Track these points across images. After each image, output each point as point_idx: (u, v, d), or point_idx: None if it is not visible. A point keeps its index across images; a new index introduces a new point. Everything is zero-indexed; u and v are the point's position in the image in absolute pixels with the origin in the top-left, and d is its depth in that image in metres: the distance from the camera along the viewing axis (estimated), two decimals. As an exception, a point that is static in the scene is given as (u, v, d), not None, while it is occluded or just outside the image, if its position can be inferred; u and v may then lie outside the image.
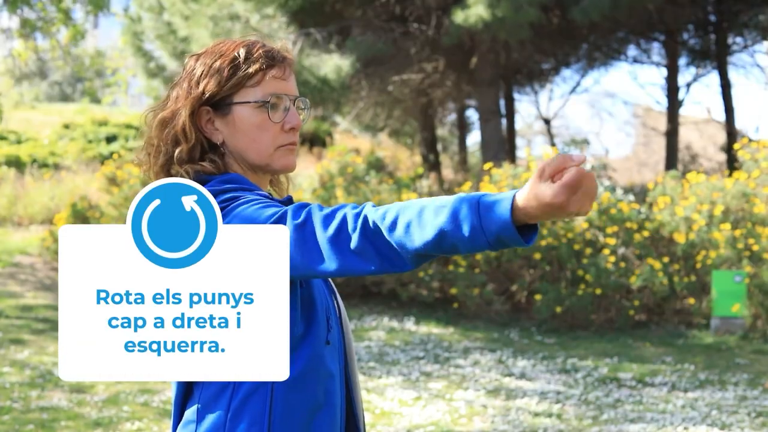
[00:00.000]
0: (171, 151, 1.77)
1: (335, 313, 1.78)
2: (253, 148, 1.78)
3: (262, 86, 1.77)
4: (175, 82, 1.83)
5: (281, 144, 1.80)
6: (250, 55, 1.77)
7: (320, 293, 1.74)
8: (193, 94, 1.77)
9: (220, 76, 1.76)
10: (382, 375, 7.23)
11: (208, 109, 1.78)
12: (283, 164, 1.81)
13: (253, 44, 1.80)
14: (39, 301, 9.81)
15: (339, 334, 1.77)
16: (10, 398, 6.28)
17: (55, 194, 13.63)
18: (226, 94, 1.76)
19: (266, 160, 1.79)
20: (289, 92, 1.80)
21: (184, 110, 1.76)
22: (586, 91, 29.79)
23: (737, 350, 8.27)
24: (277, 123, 1.78)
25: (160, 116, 1.79)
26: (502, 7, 10.64)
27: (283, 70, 1.80)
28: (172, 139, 1.77)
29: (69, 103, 30.24)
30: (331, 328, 1.73)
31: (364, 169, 10.62)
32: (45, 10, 13.06)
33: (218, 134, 1.79)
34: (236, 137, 1.78)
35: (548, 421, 5.98)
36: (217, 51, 1.79)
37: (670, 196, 9.82)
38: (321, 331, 1.71)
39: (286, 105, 1.79)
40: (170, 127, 1.77)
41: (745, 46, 16.34)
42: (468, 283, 9.40)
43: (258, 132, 1.77)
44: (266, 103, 1.77)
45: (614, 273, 9.10)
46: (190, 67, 1.80)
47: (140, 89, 20.16)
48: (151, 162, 1.80)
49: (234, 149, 1.79)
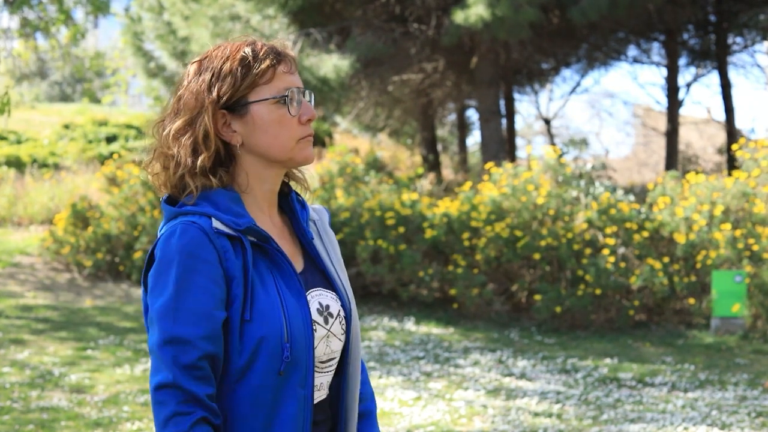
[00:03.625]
0: (191, 161, 1.75)
1: (307, 341, 1.73)
2: (276, 144, 1.78)
3: (275, 82, 1.77)
4: (178, 90, 1.81)
5: (301, 136, 1.80)
6: (257, 54, 1.77)
7: (273, 325, 1.69)
8: (208, 100, 1.75)
9: (233, 78, 1.75)
10: (382, 375, 7.23)
11: (224, 113, 1.77)
12: (305, 156, 1.82)
13: (255, 43, 1.80)
14: (39, 301, 9.81)
15: (308, 357, 1.73)
16: (10, 398, 6.28)
17: (55, 194, 13.63)
18: (241, 95, 1.76)
19: (289, 154, 1.80)
20: (299, 85, 1.81)
21: (204, 117, 1.75)
22: (586, 91, 29.81)
23: (737, 350, 8.27)
24: (294, 116, 1.79)
25: (174, 127, 1.77)
26: (502, 7, 10.65)
27: (290, 65, 1.81)
28: (191, 149, 1.75)
29: (69, 104, 30.24)
30: (288, 359, 1.69)
31: (364, 169, 10.63)
32: (45, 10, 13.06)
33: (237, 136, 1.78)
34: (256, 136, 1.78)
35: (548, 421, 5.98)
36: (220, 54, 1.78)
37: (670, 197, 9.82)
38: (271, 362, 1.69)
39: (299, 98, 1.80)
40: (187, 137, 1.76)
41: (745, 46, 16.35)
42: (468, 283, 9.40)
43: (278, 127, 1.78)
44: (284, 98, 1.77)
45: (614, 273, 9.10)
46: (195, 74, 1.79)
47: (140, 89, 20.18)
48: (170, 174, 1.78)
49: (254, 148, 1.79)
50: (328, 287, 1.86)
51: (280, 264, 1.76)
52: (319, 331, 1.79)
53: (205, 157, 1.75)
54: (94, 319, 9.18)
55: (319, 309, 1.81)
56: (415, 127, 19.20)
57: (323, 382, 1.82)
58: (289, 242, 1.87)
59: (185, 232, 1.69)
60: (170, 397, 1.64)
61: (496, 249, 9.49)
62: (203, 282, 1.67)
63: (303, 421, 1.73)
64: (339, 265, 1.89)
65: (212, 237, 1.70)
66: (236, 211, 1.75)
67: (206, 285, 1.67)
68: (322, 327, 1.80)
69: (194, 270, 1.67)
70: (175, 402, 1.63)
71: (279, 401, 1.72)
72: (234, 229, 1.73)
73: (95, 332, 8.56)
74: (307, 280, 1.83)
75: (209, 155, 1.75)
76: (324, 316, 1.81)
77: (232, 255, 1.71)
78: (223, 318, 1.69)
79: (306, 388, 1.74)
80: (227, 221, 1.72)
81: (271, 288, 1.73)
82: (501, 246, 9.45)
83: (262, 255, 1.76)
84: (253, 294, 1.72)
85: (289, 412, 1.72)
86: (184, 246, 1.68)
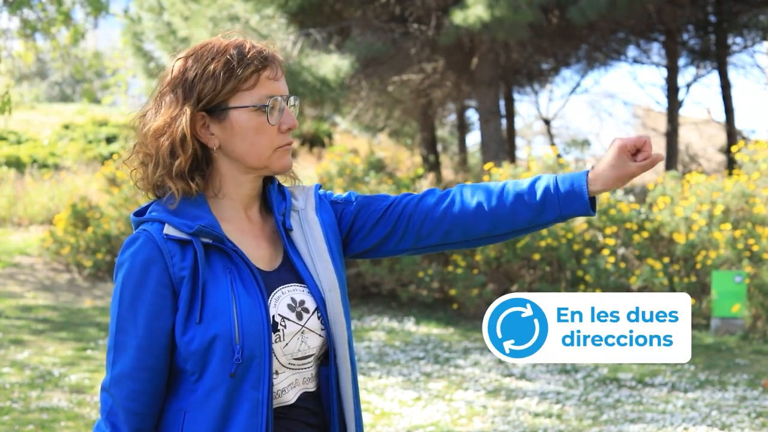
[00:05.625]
0: (169, 163, 1.75)
1: (262, 342, 1.70)
2: (253, 151, 1.77)
3: (258, 89, 1.75)
4: (162, 85, 1.79)
5: (279, 145, 1.79)
6: (243, 57, 1.75)
7: (223, 326, 1.69)
8: (188, 100, 1.74)
9: (215, 81, 1.73)
10: (382, 375, 7.23)
11: (203, 114, 1.76)
12: (282, 165, 1.81)
13: (243, 44, 1.77)
14: (39, 302, 9.81)
15: (263, 359, 1.71)
16: (10, 398, 6.27)
17: (55, 195, 13.63)
18: (222, 99, 1.74)
19: (265, 162, 1.78)
20: (282, 92, 1.79)
21: (182, 118, 1.73)
22: (586, 92, 29.77)
23: (737, 350, 8.27)
24: (274, 125, 1.77)
25: (155, 126, 1.76)
26: (501, 8, 10.64)
27: (275, 70, 1.78)
28: (169, 150, 1.75)
29: (69, 104, 30.25)
30: (239, 360, 1.69)
31: (364, 169, 10.61)
32: (45, 11, 13.05)
33: (214, 139, 1.77)
34: (234, 142, 1.76)
35: (548, 422, 5.98)
36: (206, 53, 1.76)
37: (669, 197, 9.82)
38: (223, 364, 1.69)
39: (281, 106, 1.78)
40: (165, 137, 1.75)
41: (745, 47, 16.34)
42: (468, 283, 9.40)
43: (256, 135, 1.76)
44: (264, 107, 1.75)
45: (614, 273, 9.10)
46: (180, 71, 1.77)
47: (140, 90, 20.16)
48: (149, 173, 1.78)
49: (231, 153, 1.78)
50: (303, 281, 1.82)
51: (237, 263, 1.74)
52: (290, 327, 1.76)
53: (182, 161, 1.74)
54: (94, 319, 9.18)
55: (290, 305, 1.77)
56: (415, 127, 19.20)
57: (298, 379, 1.78)
58: (268, 239, 1.84)
59: (132, 243, 1.73)
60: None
61: (496, 249, 9.49)
62: (147, 296, 1.71)
63: (257, 424, 1.71)
64: (318, 255, 1.84)
65: (160, 243, 1.71)
66: (193, 214, 1.74)
67: (149, 298, 1.71)
68: (294, 323, 1.77)
69: (138, 282, 1.71)
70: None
71: (232, 403, 1.71)
72: (185, 232, 1.72)
73: (95, 332, 8.55)
74: (281, 276, 1.80)
75: (186, 158, 1.74)
76: (297, 312, 1.78)
77: (178, 259, 1.71)
78: (168, 327, 1.72)
79: (260, 391, 1.71)
80: (178, 225, 1.72)
81: (225, 288, 1.71)
82: (501, 246, 9.45)
83: (220, 255, 1.74)
84: (205, 295, 1.71)
85: (242, 415, 1.70)
86: (131, 256, 1.73)
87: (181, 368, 1.74)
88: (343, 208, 1.93)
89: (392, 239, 1.90)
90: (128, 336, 1.72)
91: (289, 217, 1.86)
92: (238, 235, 1.80)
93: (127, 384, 1.72)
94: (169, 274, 1.71)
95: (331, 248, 1.86)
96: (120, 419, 1.73)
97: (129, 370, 1.71)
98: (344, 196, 1.95)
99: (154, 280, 1.71)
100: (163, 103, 1.77)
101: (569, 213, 1.84)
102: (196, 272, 1.72)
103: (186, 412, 1.73)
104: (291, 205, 1.88)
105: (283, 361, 1.76)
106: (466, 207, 1.86)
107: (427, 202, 1.89)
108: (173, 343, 1.73)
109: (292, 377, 1.78)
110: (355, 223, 1.92)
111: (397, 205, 1.90)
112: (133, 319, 1.71)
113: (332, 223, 1.90)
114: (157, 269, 1.71)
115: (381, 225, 1.90)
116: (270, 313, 1.74)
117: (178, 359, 1.73)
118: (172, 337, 1.73)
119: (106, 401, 1.75)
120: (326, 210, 1.91)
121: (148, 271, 1.71)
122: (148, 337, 1.71)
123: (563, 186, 1.82)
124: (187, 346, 1.70)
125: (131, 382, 1.72)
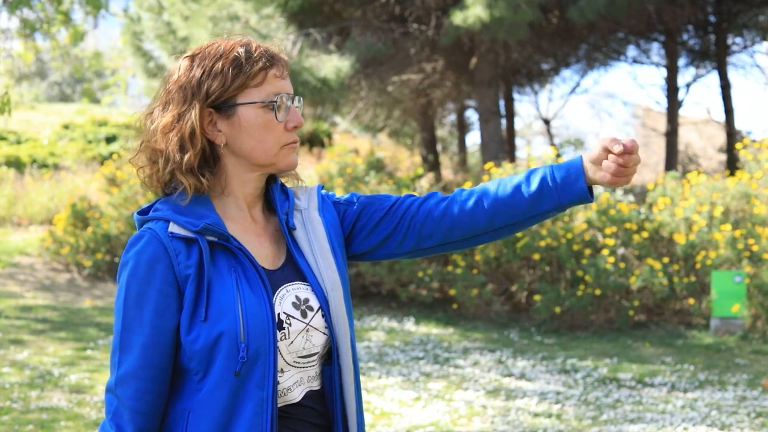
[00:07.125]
0: (178, 158, 1.75)
1: (268, 340, 1.71)
2: (260, 148, 1.78)
3: (265, 86, 1.77)
4: (169, 84, 1.80)
5: (285, 143, 1.80)
6: (250, 55, 1.76)
7: (229, 324, 1.69)
8: (196, 97, 1.75)
9: (224, 77, 1.74)
10: (382, 375, 7.23)
11: (211, 111, 1.77)
12: (288, 163, 1.82)
13: (249, 43, 1.79)
14: (39, 302, 9.81)
15: (268, 358, 1.71)
16: (9, 398, 6.27)
17: (54, 194, 13.63)
18: (230, 95, 1.76)
19: (272, 159, 1.80)
20: (289, 91, 1.80)
21: (192, 113, 1.74)
22: (586, 92, 29.89)
23: (737, 350, 8.27)
24: (281, 122, 1.78)
25: (163, 122, 1.77)
26: (500, 8, 10.64)
27: (282, 69, 1.80)
28: (179, 145, 1.76)
29: (69, 104, 30.24)
30: (244, 359, 1.69)
31: (364, 169, 10.61)
32: (44, 10, 13.05)
33: (221, 136, 1.78)
34: (241, 138, 1.77)
35: (548, 422, 5.98)
36: (214, 52, 1.77)
37: (670, 197, 9.82)
38: (228, 362, 1.69)
39: (288, 104, 1.79)
40: (174, 132, 1.76)
41: (744, 47, 16.34)
42: (467, 283, 9.40)
43: (264, 132, 1.77)
44: (272, 103, 1.77)
45: (614, 273, 9.10)
46: (186, 69, 1.78)
47: (140, 89, 20.17)
48: (160, 168, 1.78)
49: (238, 150, 1.79)
50: (307, 280, 1.83)
51: (242, 261, 1.75)
52: (294, 325, 1.76)
53: (191, 155, 1.75)
54: (94, 319, 9.18)
55: (295, 303, 1.78)
56: (415, 127, 19.20)
57: (303, 377, 1.79)
58: (271, 238, 1.85)
59: (137, 241, 1.73)
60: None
61: (496, 249, 9.49)
62: (153, 294, 1.71)
63: (262, 424, 1.71)
64: (321, 254, 1.84)
65: (165, 241, 1.72)
66: (199, 212, 1.75)
67: (154, 296, 1.71)
68: (299, 321, 1.77)
69: (144, 281, 1.71)
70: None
71: (237, 402, 1.71)
72: (190, 230, 1.73)
73: (95, 332, 8.55)
74: (285, 275, 1.81)
75: (195, 153, 1.75)
76: (301, 310, 1.78)
77: (184, 257, 1.71)
78: (174, 326, 1.72)
79: (265, 390, 1.71)
80: (184, 223, 1.73)
81: (230, 286, 1.72)
82: (500, 246, 9.45)
83: (225, 253, 1.75)
84: (210, 293, 1.71)
85: (247, 414, 1.71)
86: (136, 255, 1.72)
87: (185, 367, 1.74)
88: (345, 209, 1.94)
89: (394, 240, 1.90)
90: (134, 335, 1.72)
91: (292, 216, 1.87)
92: (242, 234, 1.80)
93: (132, 383, 1.72)
94: (174, 272, 1.71)
95: (334, 248, 1.87)
96: (124, 420, 1.73)
97: (134, 369, 1.72)
98: (346, 197, 1.95)
99: (160, 278, 1.71)
100: (171, 100, 1.78)
101: (567, 200, 1.82)
102: (202, 270, 1.72)
103: (190, 412, 1.73)
104: (294, 204, 1.89)
105: (288, 359, 1.76)
106: (465, 204, 1.87)
107: (428, 204, 1.90)
108: (178, 342, 1.73)
109: (297, 375, 1.78)
110: (357, 223, 1.92)
111: (399, 206, 1.91)
112: (139, 317, 1.72)
113: (335, 222, 1.91)
114: (162, 267, 1.71)
115: (383, 225, 1.90)
116: (275, 311, 1.74)
117: (182, 358, 1.73)
118: (177, 336, 1.73)
119: (111, 402, 1.75)
120: (329, 210, 1.92)
121: (153, 270, 1.71)
122: (154, 336, 1.71)
123: (559, 174, 1.82)
124: (191, 344, 1.71)
125: (136, 381, 1.72)
